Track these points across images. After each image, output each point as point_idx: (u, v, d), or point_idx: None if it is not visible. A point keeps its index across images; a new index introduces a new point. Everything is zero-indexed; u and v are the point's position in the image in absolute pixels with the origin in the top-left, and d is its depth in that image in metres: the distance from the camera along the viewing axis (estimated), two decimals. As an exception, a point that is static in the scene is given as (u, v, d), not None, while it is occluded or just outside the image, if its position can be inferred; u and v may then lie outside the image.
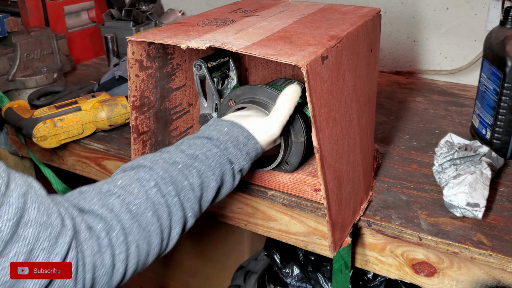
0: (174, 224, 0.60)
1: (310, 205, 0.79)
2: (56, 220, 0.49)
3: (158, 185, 0.59)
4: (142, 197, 0.57)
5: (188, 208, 0.61)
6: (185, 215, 0.61)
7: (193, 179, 0.62)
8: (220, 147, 0.66)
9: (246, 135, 0.68)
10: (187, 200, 0.61)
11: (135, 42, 0.71)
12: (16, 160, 1.36)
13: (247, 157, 0.68)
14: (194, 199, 0.62)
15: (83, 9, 1.60)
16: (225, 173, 0.66)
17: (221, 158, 0.65)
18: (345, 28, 0.71)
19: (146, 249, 0.57)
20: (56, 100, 1.14)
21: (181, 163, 0.63)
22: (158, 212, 0.58)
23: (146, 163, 0.61)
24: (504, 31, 0.90)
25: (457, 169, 0.78)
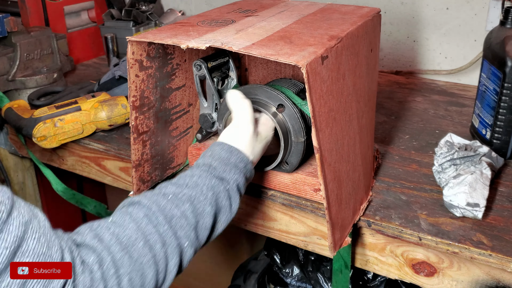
0: (169, 255, 0.57)
1: (310, 205, 0.79)
2: (56, 253, 0.49)
3: (148, 216, 0.57)
4: (132, 228, 0.56)
5: (183, 237, 0.59)
6: (180, 244, 0.58)
7: (184, 206, 0.60)
8: (208, 170, 0.65)
9: (227, 148, 0.67)
10: (180, 228, 0.59)
11: (135, 42, 0.71)
12: (16, 160, 1.36)
13: (237, 170, 0.66)
14: (188, 227, 0.60)
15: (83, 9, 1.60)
16: (219, 196, 0.63)
17: (212, 180, 0.64)
18: (345, 28, 0.71)
19: (140, 283, 0.54)
20: (56, 100, 1.14)
21: (170, 193, 0.61)
22: (149, 242, 0.56)
23: (135, 199, 0.60)
24: (504, 31, 0.90)
25: (457, 169, 0.78)
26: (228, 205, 0.65)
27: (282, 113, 0.75)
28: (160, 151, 0.83)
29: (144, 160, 0.80)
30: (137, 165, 0.79)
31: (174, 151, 0.87)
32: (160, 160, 0.84)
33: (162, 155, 0.84)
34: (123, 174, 1.05)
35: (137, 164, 0.79)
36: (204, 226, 0.62)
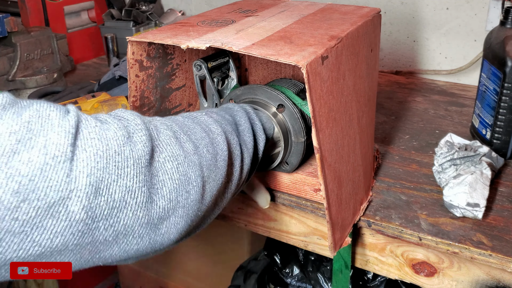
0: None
1: (310, 205, 0.79)
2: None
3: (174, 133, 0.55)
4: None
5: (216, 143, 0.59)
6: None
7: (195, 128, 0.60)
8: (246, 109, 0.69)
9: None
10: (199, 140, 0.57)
11: (135, 42, 0.71)
12: (16, 160, 1.36)
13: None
14: (206, 141, 0.58)
15: (83, 9, 1.60)
16: (255, 125, 0.68)
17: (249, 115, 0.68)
18: (345, 28, 0.71)
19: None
20: (56, 100, 1.14)
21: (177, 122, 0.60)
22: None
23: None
24: (504, 31, 0.90)
25: (457, 169, 0.78)
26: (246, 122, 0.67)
27: (282, 113, 0.75)
28: (160, 151, 0.83)
29: (144, 160, 0.80)
30: (137, 165, 0.79)
31: (174, 151, 0.87)
32: (160, 160, 0.84)
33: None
34: (123, 174, 1.05)
35: (137, 164, 0.79)
36: (220, 148, 0.60)
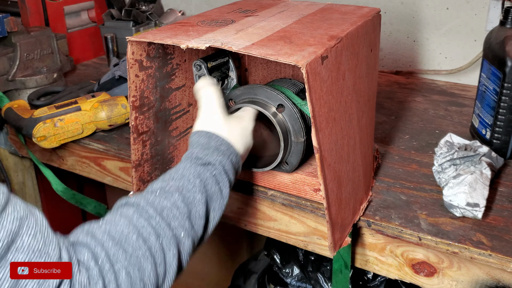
0: (166, 246, 0.56)
1: (310, 205, 0.79)
2: (53, 251, 0.48)
3: (138, 211, 0.57)
4: (123, 223, 0.55)
5: (177, 227, 0.58)
6: (175, 234, 0.57)
7: (173, 196, 0.59)
8: (191, 159, 0.65)
9: (204, 134, 0.68)
10: (173, 218, 0.58)
11: (135, 42, 0.71)
12: (16, 160, 1.36)
13: (219, 152, 0.66)
14: (181, 216, 0.59)
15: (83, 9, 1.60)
16: (207, 182, 0.63)
17: (197, 168, 0.63)
18: (345, 28, 0.71)
19: (139, 276, 0.53)
20: (56, 100, 1.14)
21: (157, 188, 0.61)
22: (143, 235, 0.55)
23: (123, 201, 0.60)
24: (504, 31, 0.90)
25: (457, 169, 0.78)
26: (218, 190, 0.64)
27: (282, 113, 0.75)
28: (160, 151, 0.83)
29: (144, 160, 0.80)
30: (137, 165, 0.79)
31: (174, 151, 0.87)
32: (160, 160, 0.84)
33: (162, 155, 0.84)
34: (123, 174, 1.05)
35: (137, 164, 0.79)
36: (198, 214, 0.61)
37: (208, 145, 0.66)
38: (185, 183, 0.61)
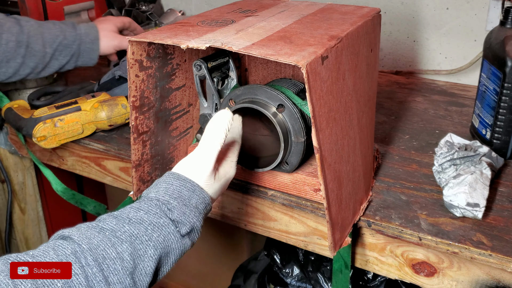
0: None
1: (310, 205, 0.79)
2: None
3: (76, 254, 0.50)
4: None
5: (115, 283, 0.50)
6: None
7: (121, 246, 0.52)
8: (160, 207, 0.57)
9: (189, 186, 0.60)
10: (113, 272, 0.50)
11: (135, 42, 0.71)
12: (16, 160, 1.36)
13: (197, 212, 0.59)
14: (123, 271, 0.51)
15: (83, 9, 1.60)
16: (167, 238, 0.55)
17: (161, 219, 0.56)
18: (345, 28, 0.71)
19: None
20: (56, 100, 1.14)
21: (108, 228, 0.53)
22: (72, 283, 0.48)
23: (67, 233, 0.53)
24: (504, 31, 0.90)
25: (457, 169, 0.78)
26: (178, 247, 0.57)
27: (282, 113, 0.75)
28: (160, 151, 0.84)
29: (144, 160, 0.80)
30: (137, 165, 0.79)
31: (174, 151, 0.87)
32: (160, 160, 0.84)
33: (162, 155, 0.84)
34: (123, 174, 1.05)
35: (137, 164, 0.79)
36: (144, 271, 0.53)
37: (189, 201, 0.59)
38: (140, 232, 0.54)
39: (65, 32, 1.03)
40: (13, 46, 0.96)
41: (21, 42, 0.97)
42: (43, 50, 0.99)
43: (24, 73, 1.00)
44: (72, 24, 1.05)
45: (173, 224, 0.57)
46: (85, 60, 1.08)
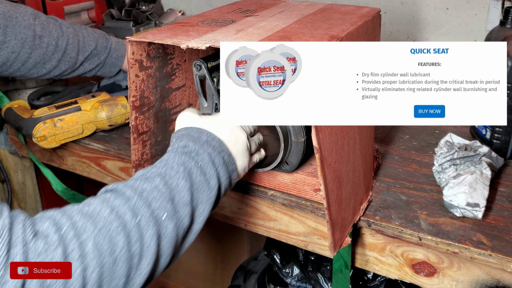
0: (144, 225, 0.52)
1: (310, 205, 0.79)
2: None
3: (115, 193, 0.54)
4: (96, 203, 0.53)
5: (158, 208, 0.54)
6: (155, 214, 0.54)
7: (154, 180, 0.57)
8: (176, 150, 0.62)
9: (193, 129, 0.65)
10: (154, 199, 0.55)
11: (135, 42, 0.71)
12: (16, 160, 1.36)
13: (209, 146, 0.63)
14: (163, 198, 0.55)
15: (83, 9, 1.60)
16: (192, 171, 0.59)
17: (182, 157, 0.60)
18: (345, 28, 0.71)
19: (109, 249, 0.49)
20: (56, 100, 1.14)
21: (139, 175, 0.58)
22: (118, 212, 0.52)
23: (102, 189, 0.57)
24: (504, 31, 0.90)
25: (457, 169, 0.78)
26: (204, 181, 0.60)
27: (282, 113, 0.75)
28: (160, 151, 0.84)
29: (144, 160, 0.80)
30: (137, 165, 0.79)
31: (174, 151, 0.87)
32: (160, 160, 0.84)
33: (162, 155, 0.84)
34: (123, 174, 1.05)
35: (137, 164, 0.79)
36: (182, 201, 0.57)
37: (198, 138, 0.63)
38: (168, 170, 0.58)
39: (97, 42, 1.06)
40: (52, 50, 1.00)
41: (60, 47, 1.01)
42: (76, 57, 1.03)
43: (54, 74, 1.04)
44: (104, 35, 1.09)
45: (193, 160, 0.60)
46: (106, 72, 1.11)
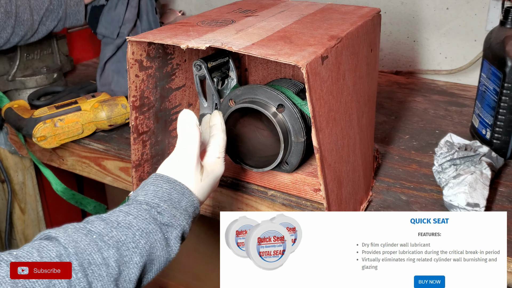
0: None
1: (310, 205, 0.79)
2: None
3: (60, 258, 0.49)
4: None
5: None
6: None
7: (108, 252, 0.51)
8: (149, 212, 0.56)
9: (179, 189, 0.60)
10: (97, 278, 0.49)
11: (135, 42, 0.71)
12: (16, 160, 1.36)
13: (186, 216, 0.59)
14: (108, 278, 0.50)
15: (83, 9, 1.60)
16: (154, 245, 0.55)
17: (150, 225, 0.55)
18: (345, 28, 0.71)
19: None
20: (56, 100, 1.14)
21: (96, 232, 0.52)
22: (54, 284, 0.47)
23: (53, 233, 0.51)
24: (504, 31, 0.90)
25: (457, 169, 0.78)
26: (164, 254, 0.56)
27: (282, 113, 0.75)
28: (160, 151, 0.84)
29: (144, 160, 0.80)
30: (137, 165, 0.79)
31: (174, 151, 0.87)
32: (160, 160, 0.84)
33: (162, 155, 0.84)
34: (123, 174, 1.05)
35: (137, 164, 0.79)
36: (128, 278, 0.52)
37: (178, 204, 0.59)
38: (128, 238, 0.53)
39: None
40: (3, 17, 0.99)
41: (10, 13, 1.00)
42: (31, 18, 1.02)
43: (14, 41, 1.04)
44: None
45: (161, 231, 0.56)
46: (72, 22, 1.11)
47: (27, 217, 1.45)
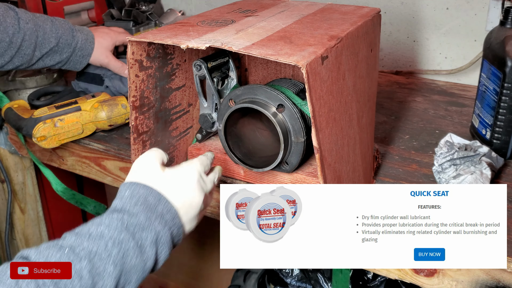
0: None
1: (310, 205, 0.79)
2: None
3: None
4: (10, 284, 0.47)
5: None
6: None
7: (80, 264, 0.50)
8: (123, 220, 0.55)
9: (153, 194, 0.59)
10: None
11: (135, 42, 0.71)
12: (16, 160, 1.36)
13: (162, 221, 0.57)
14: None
15: (83, 9, 1.60)
16: (127, 254, 0.54)
17: (122, 234, 0.54)
18: (345, 28, 0.71)
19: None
20: (56, 100, 1.14)
21: (68, 245, 0.52)
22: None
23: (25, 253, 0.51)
24: (504, 31, 0.90)
25: (457, 169, 0.78)
26: (139, 263, 0.55)
27: (282, 113, 0.75)
28: (160, 151, 0.83)
29: (144, 160, 0.80)
30: (137, 165, 0.79)
31: (174, 151, 0.87)
32: (160, 160, 0.84)
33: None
34: (123, 174, 1.05)
35: (137, 164, 0.79)
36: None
37: (154, 208, 0.58)
38: (100, 249, 0.52)
39: (59, 39, 1.03)
40: (5, 46, 0.98)
41: (14, 44, 0.98)
42: (32, 53, 1.01)
43: (7, 68, 1.03)
44: (71, 32, 1.04)
45: (134, 239, 0.55)
46: (71, 67, 1.10)
47: (27, 217, 1.45)
